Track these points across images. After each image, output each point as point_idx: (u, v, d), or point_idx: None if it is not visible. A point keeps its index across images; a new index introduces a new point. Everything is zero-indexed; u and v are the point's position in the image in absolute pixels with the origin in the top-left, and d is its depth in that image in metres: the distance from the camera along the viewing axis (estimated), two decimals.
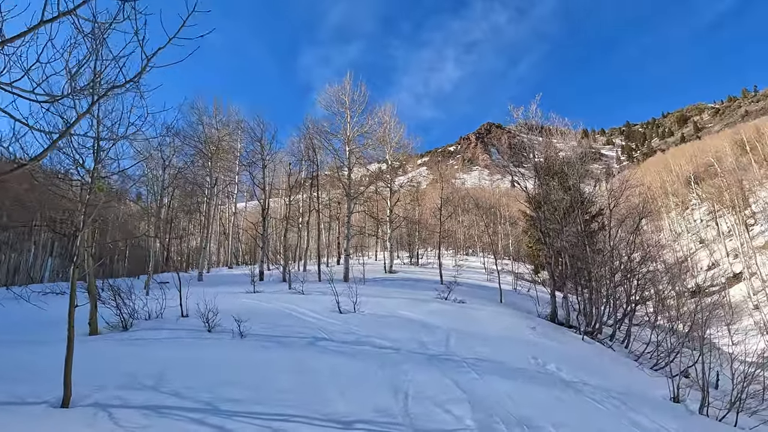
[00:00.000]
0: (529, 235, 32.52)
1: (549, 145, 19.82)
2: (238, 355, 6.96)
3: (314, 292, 16.19)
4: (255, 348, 7.40)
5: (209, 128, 27.98)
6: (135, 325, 8.84)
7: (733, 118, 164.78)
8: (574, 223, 18.10)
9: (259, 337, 8.24)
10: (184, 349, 7.17)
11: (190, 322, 9.08)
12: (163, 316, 9.40)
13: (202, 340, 7.82)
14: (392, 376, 6.53)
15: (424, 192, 48.88)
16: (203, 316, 8.64)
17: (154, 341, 7.52)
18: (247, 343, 7.76)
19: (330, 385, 5.85)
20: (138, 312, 9.15)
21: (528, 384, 7.24)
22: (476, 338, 10.27)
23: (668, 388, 9.12)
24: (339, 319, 10.74)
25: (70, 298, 4.79)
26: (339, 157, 25.75)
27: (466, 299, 16.79)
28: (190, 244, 50.71)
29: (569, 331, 15.80)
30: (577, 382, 7.91)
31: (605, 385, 8.08)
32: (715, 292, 45.46)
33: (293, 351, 7.41)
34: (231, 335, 8.17)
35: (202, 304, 9.04)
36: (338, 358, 7.19)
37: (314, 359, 6.99)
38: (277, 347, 7.58)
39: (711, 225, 68.30)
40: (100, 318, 8.53)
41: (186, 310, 9.75)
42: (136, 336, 7.95)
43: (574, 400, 6.80)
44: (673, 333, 15.78)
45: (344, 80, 25.95)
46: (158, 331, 8.33)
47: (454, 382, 6.63)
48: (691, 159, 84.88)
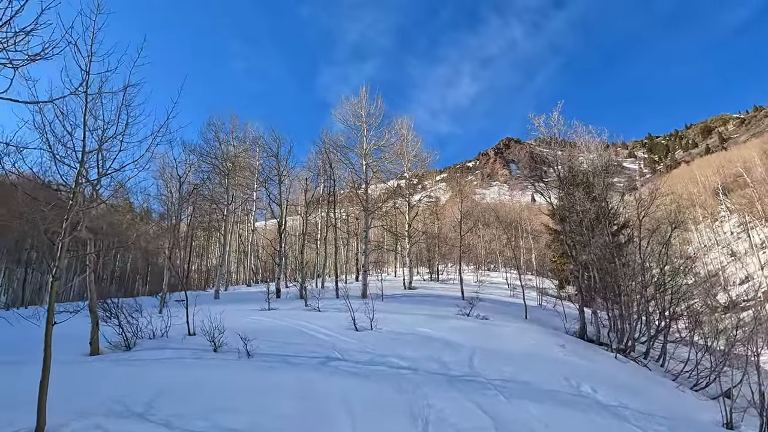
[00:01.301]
0: (553, 249, 31.57)
1: (572, 154, 19.07)
2: (241, 376, 6.41)
3: (331, 309, 15.63)
4: (261, 369, 6.84)
5: (226, 145, 27.96)
6: (139, 344, 8.38)
7: (760, 127, 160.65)
8: (601, 235, 17.24)
9: (266, 356, 7.68)
10: (185, 370, 6.64)
11: (196, 341, 8.59)
12: (168, 335, 8.92)
13: (205, 360, 7.29)
14: (410, 401, 5.88)
15: (444, 207, 48.20)
16: (209, 334, 8.15)
17: (154, 362, 7.03)
18: (253, 363, 7.21)
19: (339, 412, 5.24)
20: (142, 331, 8.70)
21: (561, 408, 6.50)
22: (501, 357, 9.52)
23: (717, 412, 8.26)
24: (354, 337, 10.12)
25: (48, 315, 4.33)
26: (356, 172, 25.37)
27: (489, 315, 16.02)
28: (210, 262, 50.84)
29: (600, 348, 14.87)
30: (616, 405, 7.13)
31: (647, 408, 7.27)
32: (751, 307, 43.55)
33: (302, 372, 6.82)
34: (237, 355, 7.64)
35: (213, 320, 8.60)
36: (350, 380, 6.58)
37: (324, 381, 6.39)
38: (285, 368, 7.00)
39: (742, 237, 65.81)
40: (102, 337, 8.11)
41: (193, 329, 9.27)
42: (138, 356, 7.49)
43: (614, 427, 6.03)
44: (708, 350, 14.75)
45: (360, 94, 25.72)
46: (161, 351, 7.85)
47: (478, 406, 5.95)
48: (718, 170, 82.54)
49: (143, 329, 8.72)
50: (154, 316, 9.83)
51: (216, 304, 19.37)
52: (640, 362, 14.23)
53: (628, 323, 15.75)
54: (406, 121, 29.62)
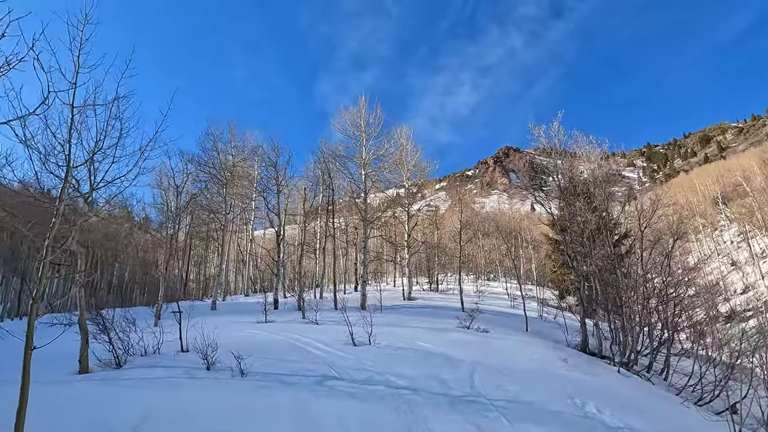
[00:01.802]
0: (553, 260, 31.34)
1: (573, 164, 18.91)
2: (233, 397, 6.14)
3: (328, 321, 15.36)
4: (254, 389, 6.59)
5: (224, 154, 27.80)
6: (130, 361, 8.12)
7: (758, 137, 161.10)
8: (602, 246, 17.03)
9: (261, 375, 7.43)
10: (176, 390, 6.38)
11: (188, 358, 8.33)
12: (160, 352, 8.66)
13: (197, 379, 7.03)
14: (408, 425, 5.63)
15: (443, 216, 48.02)
16: (202, 351, 7.90)
17: (144, 381, 6.77)
18: (246, 382, 6.95)
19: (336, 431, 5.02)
20: (134, 347, 8.45)
21: (566, 430, 6.25)
22: (503, 373, 9.27)
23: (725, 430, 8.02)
24: (352, 353, 9.86)
25: (27, 340, 4.08)
26: (354, 181, 25.19)
27: (489, 328, 15.76)
28: (209, 271, 50.47)
29: (602, 362, 14.60)
30: (622, 426, 6.87)
31: (654, 429, 7.02)
32: (752, 317, 43.25)
33: (297, 392, 6.56)
34: (230, 373, 7.38)
35: (206, 336, 8.36)
36: (347, 402, 6.32)
37: (320, 402, 6.14)
38: (279, 388, 6.75)
39: (743, 246, 65.61)
40: (92, 354, 7.86)
41: (186, 345, 9.01)
42: (127, 374, 7.23)
43: None
44: (713, 363, 14.50)
45: (359, 103, 25.65)
46: (152, 369, 7.59)
47: (479, 430, 5.71)
48: (717, 179, 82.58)
49: (135, 345, 8.46)
50: (147, 330, 9.58)
51: (213, 316, 19.12)
52: (644, 376, 13.97)
53: (631, 336, 15.51)
54: (405, 131, 29.55)
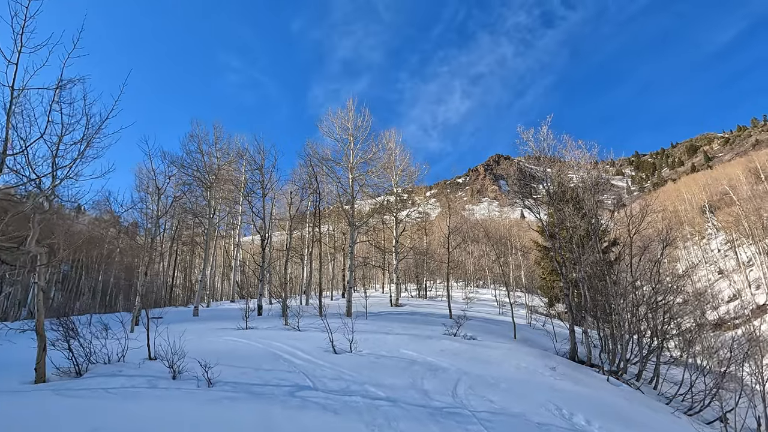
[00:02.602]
0: (543, 266, 31.06)
1: (562, 170, 18.66)
2: (192, 410, 5.64)
3: (311, 328, 14.87)
4: (219, 401, 6.09)
5: (209, 156, 27.22)
6: (91, 370, 7.58)
7: (744, 147, 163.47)
8: (591, 252, 16.75)
9: (230, 385, 6.94)
10: (131, 402, 5.86)
11: (155, 366, 7.80)
12: (125, 360, 8.11)
13: (160, 390, 6.52)
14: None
15: (432, 223, 47.74)
16: (169, 359, 7.41)
17: (101, 392, 6.24)
18: (212, 393, 6.45)
19: None
20: (96, 354, 7.91)
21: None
22: (489, 383, 8.85)
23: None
24: (330, 361, 9.39)
25: None
26: (342, 185, 24.75)
27: (477, 335, 15.37)
28: (195, 276, 49.62)
29: (591, 370, 14.27)
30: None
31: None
32: (740, 325, 43.34)
33: (266, 404, 6.08)
34: (197, 383, 6.89)
35: (176, 344, 7.88)
36: (318, 416, 5.85)
37: (287, 417, 5.66)
38: (247, 399, 6.26)
39: (729, 255, 66.09)
40: (50, 363, 7.33)
41: (154, 352, 8.48)
42: (85, 384, 6.70)
43: None
44: (702, 372, 14.28)
45: (347, 106, 25.27)
46: (114, 378, 7.06)
47: None
48: (704, 188, 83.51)
49: (97, 353, 7.93)
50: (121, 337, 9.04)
51: (194, 322, 18.55)
52: (633, 385, 13.69)
53: (620, 344, 15.22)
54: (393, 135, 29.21)
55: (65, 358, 7.54)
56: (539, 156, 17.40)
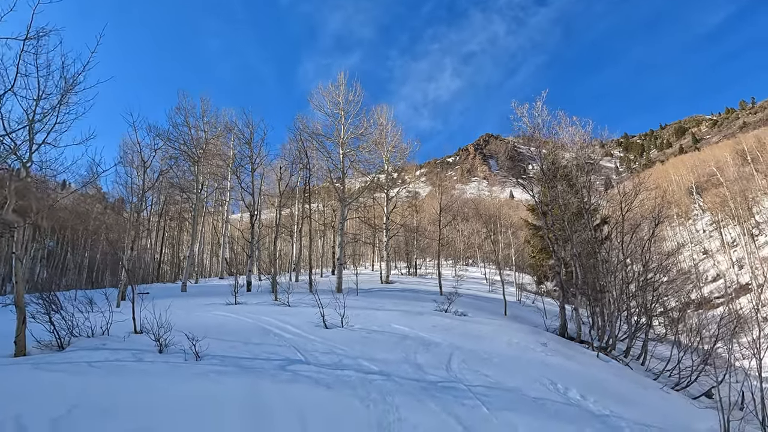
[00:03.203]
0: (532, 245, 31.10)
1: (556, 146, 18.45)
2: (181, 386, 5.41)
3: (301, 304, 14.70)
4: (207, 375, 5.87)
5: (196, 130, 26.56)
6: (74, 343, 7.31)
7: (731, 129, 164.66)
8: (583, 230, 16.69)
9: (218, 359, 6.72)
10: (117, 377, 5.62)
11: (141, 340, 7.55)
12: (109, 333, 7.85)
13: (145, 363, 6.28)
14: (378, 416, 5.02)
15: (423, 201, 47.56)
16: (155, 333, 7.17)
17: (84, 366, 5.98)
18: (200, 367, 6.23)
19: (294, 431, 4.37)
20: (79, 327, 7.63)
21: (552, 421, 5.73)
22: (482, 358, 8.76)
23: (709, 419, 7.68)
24: (322, 336, 9.22)
25: None
26: (332, 160, 24.35)
27: (467, 312, 15.32)
28: (184, 252, 49.15)
29: (581, 346, 14.34)
30: (609, 415, 6.42)
31: (641, 418, 6.58)
32: (722, 304, 44.16)
33: (255, 379, 5.87)
34: (184, 357, 6.66)
35: (163, 317, 7.63)
36: (310, 390, 5.66)
37: (278, 391, 5.46)
38: (236, 374, 6.04)
39: (714, 235, 67.07)
40: (31, 336, 7.05)
41: (140, 326, 8.22)
42: (68, 358, 6.44)
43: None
44: (690, 349, 14.41)
45: (338, 80, 24.70)
46: (98, 352, 6.80)
47: (458, 421, 5.13)
48: (692, 169, 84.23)
49: (80, 326, 7.65)
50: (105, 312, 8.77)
51: (182, 298, 18.30)
52: (622, 361, 13.77)
53: (610, 321, 15.29)
54: (385, 111, 28.71)
55: (47, 332, 7.26)
56: (534, 131, 17.12)
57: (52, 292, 8.42)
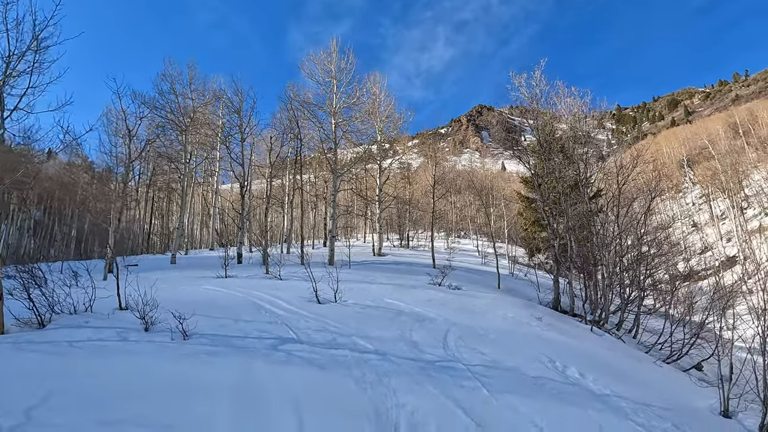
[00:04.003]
0: (525, 217, 31.00)
1: (554, 117, 18.06)
2: (168, 368, 5.12)
3: (293, 277, 14.43)
4: (196, 355, 5.60)
5: (183, 98, 25.71)
6: (55, 320, 6.98)
7: (724, 102, 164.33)
8: (580, 202, 16.49)
9: (207, 338, 6.45)
10: (100, 358, 5.32)
11: (126, 317, 7.24)
12: (93, 310, 7.52)
13: (130, 343, 5.99)
14: (375, 399, 4.80)
15: (416, 172, 47.12)
16: (140, 310, 6.86)
17: (65, 346, 5.66)
18: (188, 347, 5.96)
19: (282, 419, 4.11)
20: (61, 304, 7.29)
21: (553, 402, 5.56)
22: (478, 334, 8.60)
23: (708, 395, 7.63)
24: (315, 312, 8.97)
25: None
26: (324, 130, 23.76)
27: (461, 285, 15.19)
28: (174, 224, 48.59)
29: (574, 320, 14.34)
30: (609, 394, 6.29)
31: (641, 397, 6.47)
32: (710, 276, 44.76)
33: (246, 359, 5.61)
34: (171, 336, 6.38)
35: (150, 293, 7.33)
36: (304, 371, 5.42)
37: (270, 373, 5.21)
38: (226, 354, 5.78)
39: (704, 208, 67.58)
40: (8, 313, 6.71)
41: (125, 302, 7.89)
42: (48, 337, 6.12)
43: (619, 428, 5.13)
44: (681, 322, 14.47)
45: (330, 47, 23.87)
46: (80, 330, 6.49)
47: (458, 405, 4.93)
48: (684, 142, 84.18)
49: (62, 302, 7.31)
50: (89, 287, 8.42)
51: (171, 270, 17.97)
52: (614, 334, 13.81)
53: (603, 294, 15.26)
54: (378, 79, 27.93)
55: (27, 309, 6.93)
56: (532, 101, 16.67)
57: (33, 265, 8.07)
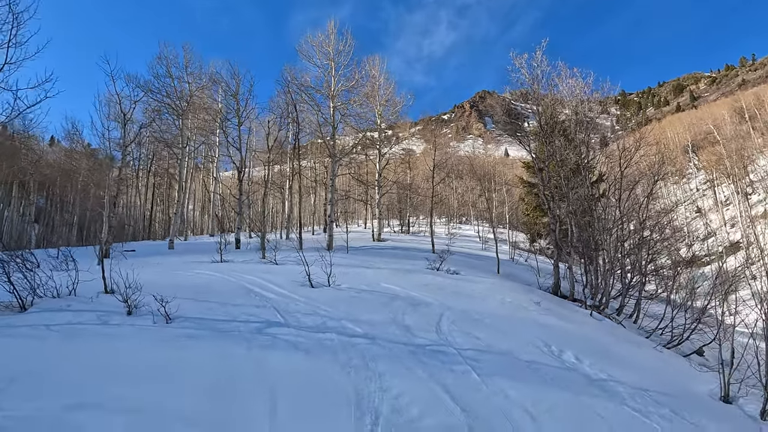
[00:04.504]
0: (527, 203, 30.75)
1: (555, 99, 17.66)
2: (145, 350, 4.93)
3: (289, 262, 14.23)
4: (176, 339, 5.40)
5: (180, 81, 25.30)
6: (38, 304, 6.79)
7: (730, 87, 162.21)
8: (581, 186, 16.19)
9: (191, 321, 6.26)
10: (75, 342, 5.12)
11: (109, 300, 7.04)
12: (76, 293, 7.33)
13: (110, 326, 5.80)
14: (359, 384, 4.59)
15: (417, 158, 46.76)
16: (123, 293, 6.67)
17: (42, 330, 5.46)
18: (169, 331, 5.76)
19: (260, 406, 3.91)
20: (43, 287, 7.11)
21: (546, 388, 5.36)
22: (474, 319, 8.38)
23: (707, 381, 7.43)
24: (306, 295, 8.77)
25: None
26: (323, 114, 23.38)
27: (460, 270, 14.98)
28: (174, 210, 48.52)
29: (574, 305, 14.13)
30: (606, 379, 6.08)
31: (639, 381, 6.26)
32: (713, 262, 44.52)
33: (228, 343, 5.41)
34: (153, 320, 6.18)
35: (137, 276, 7.15)
36: (287, 356, 5.21)
37: (251, 359, 5.00)
38: (208, 338, 5.58)
39: (708, 194, 67.09)
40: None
41: (111, 285, 7.70)
42: (28, 320, 5.94)
43: (614, 414, 4.92)
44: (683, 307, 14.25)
45: (328, 29, 23.38)
46: (61, 314, 6.29)
47: (445, 390, 4.73)
48: (689, 127, 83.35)
49: (44, 285, 7.13)
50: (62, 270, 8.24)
51: (168, 255, 17.84)
52: (615, 319, 13.60)
53: (603, 279, 15.04)
54: (377, 61, 27.41)
55: (7, 292, 6.75)
56: (533, 83, 16.29)
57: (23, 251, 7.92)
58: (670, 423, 4.93)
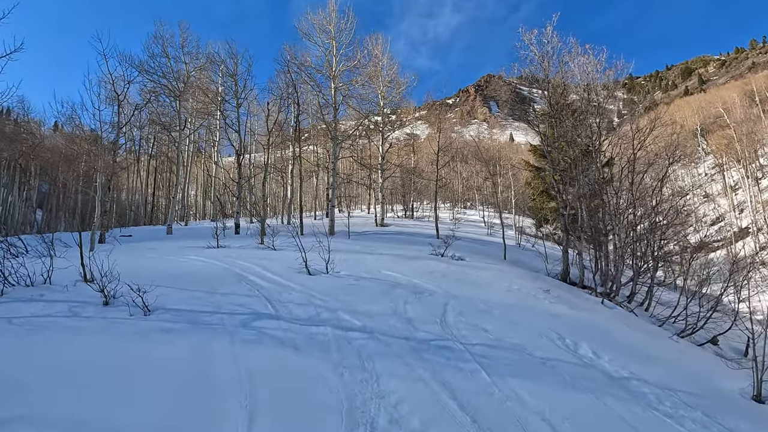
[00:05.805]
0: (533, 187, 30.04)
1: (566, 77, 16.87)
2: (109, 349, 4.34)
3: (288, 247, 13.64)
4: (148, 333, 4.83)
5: (176, 61, 24.54)
6: (8, 293, 6.24)
7: (740, 70, 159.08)
8: (591, 169, 15.50)
9: (171, 313, 5.70)
10: (35, 337, 4.57)
11: (86, 290, 6.46)
12: (51, 282, 6.77)
13: (79, 319, 5.25)
14: (353, 388, 4.02)
15: (421, 143, 45.94)
16: (99, 282, 6.11)
17: (2, 323, 4.93)
18: (145, 323, 5.20)
19: (235, 413, 3.35)
20: (15, 275, 6.56)
21: (565, 389, 4.76)
22: (481, 309, 7.79)
23: (736, 376, 6.86)
24: (301, 283, 8.20)
25: None
26: (324, 95, 22.62)
27: (465, 256, 14.40)
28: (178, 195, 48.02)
29: (584, 292, 13.58)
30: (628, 377, 5.50)
31: (663, 379, 5.67)
32: (722, 247, 43.79)
33: (208, 338, 4.85)
34: (130, 311, 5.62)
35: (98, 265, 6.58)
36: (272, 353, 4.64)
37: (231, 356, 4.42)
38: (185, 331, 5.01)
39: (717, 179, 65.99)
40: None
41: (91, 273, 7.14)
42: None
43: (642, 420, 4.33)
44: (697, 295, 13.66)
45: (328, 6, 22.50)
46: (29, 305, 5.73)
47: (451, 395, 4.15)
48: (698, 111, 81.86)
49: (16, 273, 6.57)
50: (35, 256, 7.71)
51: (165, 240, 17.36)
52: (626, 307, 13.05)
53: (614, 265, 14.44)
54: (380, 41, 26.50)
55: None
56: (543, 60, 15.49)
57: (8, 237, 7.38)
58: (706, 430, 4.35)
